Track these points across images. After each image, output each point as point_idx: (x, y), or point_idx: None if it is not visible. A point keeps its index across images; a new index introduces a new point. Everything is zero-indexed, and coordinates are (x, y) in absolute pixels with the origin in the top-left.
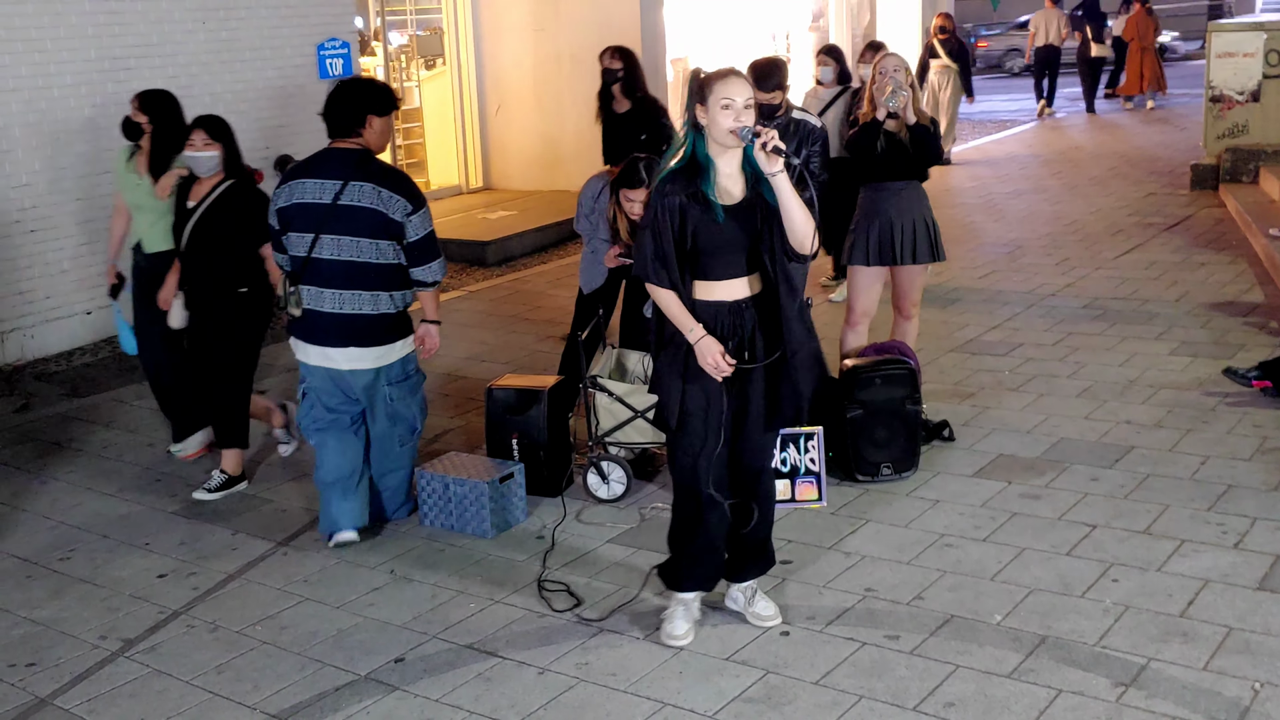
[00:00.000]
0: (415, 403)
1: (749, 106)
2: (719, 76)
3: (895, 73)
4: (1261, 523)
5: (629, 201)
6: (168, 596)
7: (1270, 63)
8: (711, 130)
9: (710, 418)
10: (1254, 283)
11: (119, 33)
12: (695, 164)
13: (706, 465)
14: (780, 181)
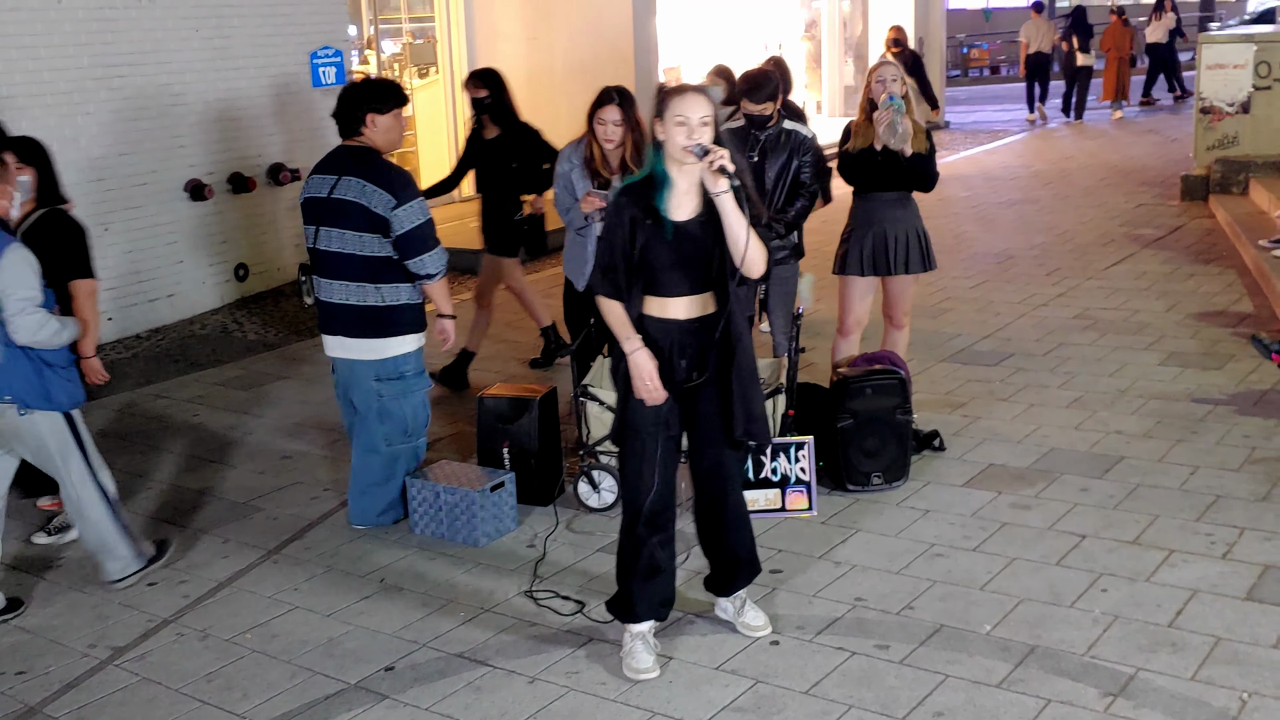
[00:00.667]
0: (409, 404)
1: (705, 124)
2: (677, 92)
3: (893, 83)
4: (1250, 533)
5: (601, 124)
6: (158, 604)
7: (1260, 74)
8: (667, 146)
9: (662, 437)
10: (1243, 293)
11: (112, 40)
12: (652, 179)
13: (660, 486)
14: (724, 201)
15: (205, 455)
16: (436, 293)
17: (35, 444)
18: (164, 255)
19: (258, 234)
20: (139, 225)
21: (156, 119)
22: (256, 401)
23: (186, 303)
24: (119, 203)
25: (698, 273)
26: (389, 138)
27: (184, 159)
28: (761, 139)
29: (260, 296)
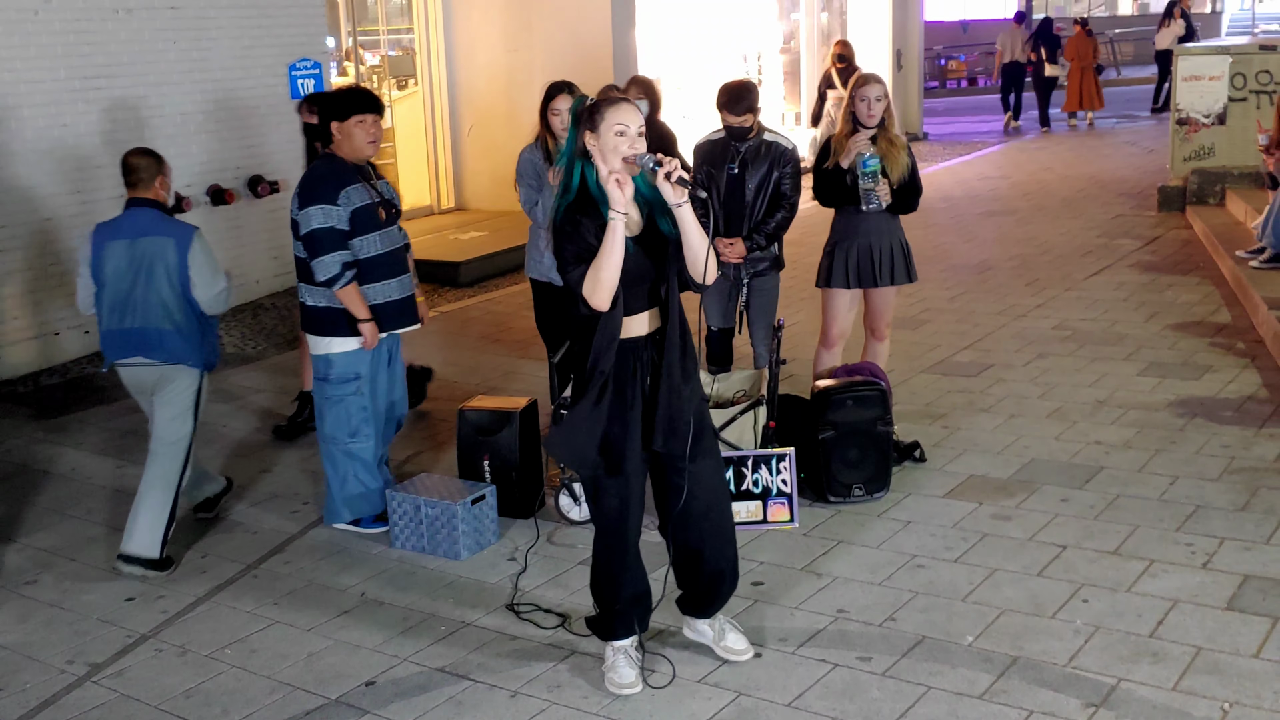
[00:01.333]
0: (329, 410)
1: (642, 134)
2: (610, 103)
3: (877, 102)
4: (1229, 543)
5: (556, 114)
6: (136, 620)
7: (1236, 86)
8: (605, 157)
9: (633, 454)
10: (1221, 304)
11: (89, 52)
12: (588, 195)
13: (637, 507)
14: (684, 213)
15: None
16: (344, 299)
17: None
18: None
19: (236, 246)
20: None
21: (134, 131)
22: (235, 415)
23: None
24: (97, 215)
25: (649, 287)
26: (352, 145)
27: None
28: (741, 150)
29: (239, 309)
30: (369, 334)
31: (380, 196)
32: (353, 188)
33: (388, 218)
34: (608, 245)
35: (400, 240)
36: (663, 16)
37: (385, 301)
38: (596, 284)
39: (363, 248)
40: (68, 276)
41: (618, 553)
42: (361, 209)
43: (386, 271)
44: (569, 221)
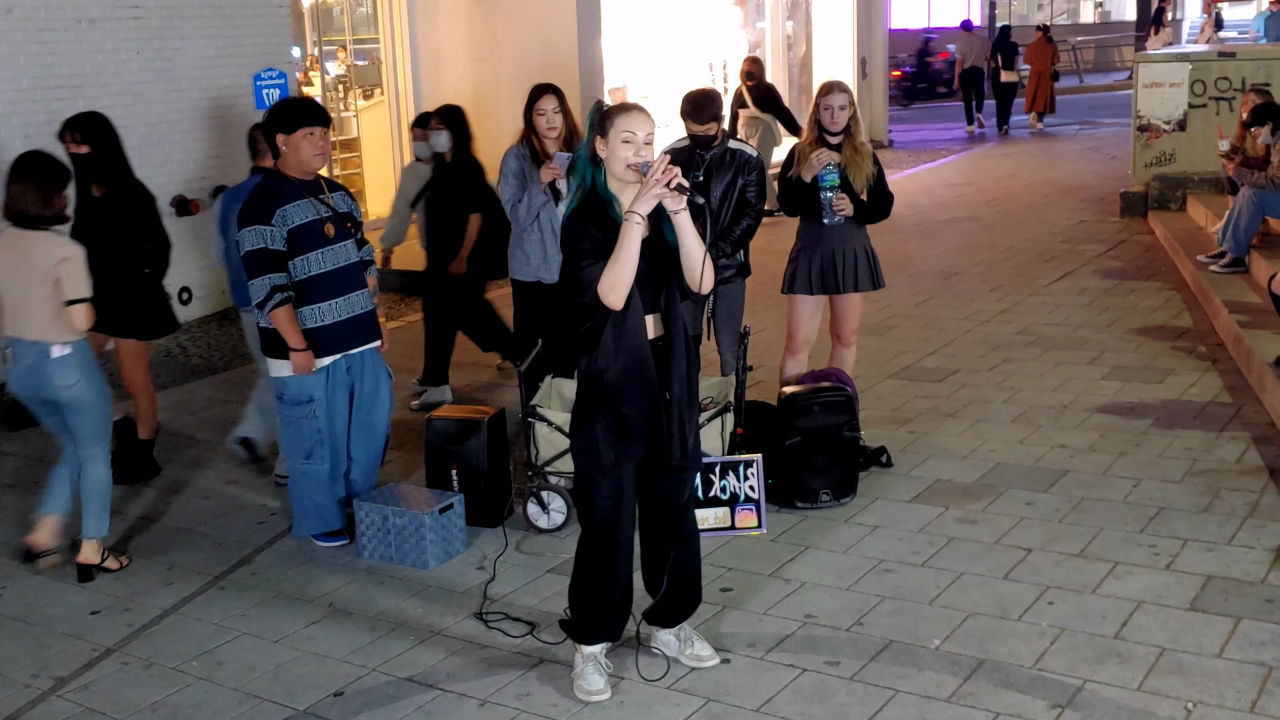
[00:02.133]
0: (284, 430)
1: (649, 142)
2: (621, 110)
3: (841, 110)
4: (1192, 544)
5: (541, 114)
6: (101, 633)
7: (1196, 93)
8: (611, 164)
9: (628, 459)
10: (1182, 308)
11: (51, 62)
12: (597, 198)
13: (629, 510)
14: (682, 220)
15: (149, 481)
16: (275, 322)
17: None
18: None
19: (202, 257)
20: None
21: None
22: (201, 427)
23: None
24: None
25: (654, 293)
26: (299, 158)
27: None
28: (706, 158)
29: (205, 320)
30: (299, 362)
31: (332, 211)
32: (291, 206)
33: (338, 233)
34: (624, 244)
35: (352, 257)
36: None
37: (335, 321)
38: (614, 282)
39: (304, 267)
40: None
41: (606, 555)
42: (300, 227)
43: (335, 290)
44: (578, 222)
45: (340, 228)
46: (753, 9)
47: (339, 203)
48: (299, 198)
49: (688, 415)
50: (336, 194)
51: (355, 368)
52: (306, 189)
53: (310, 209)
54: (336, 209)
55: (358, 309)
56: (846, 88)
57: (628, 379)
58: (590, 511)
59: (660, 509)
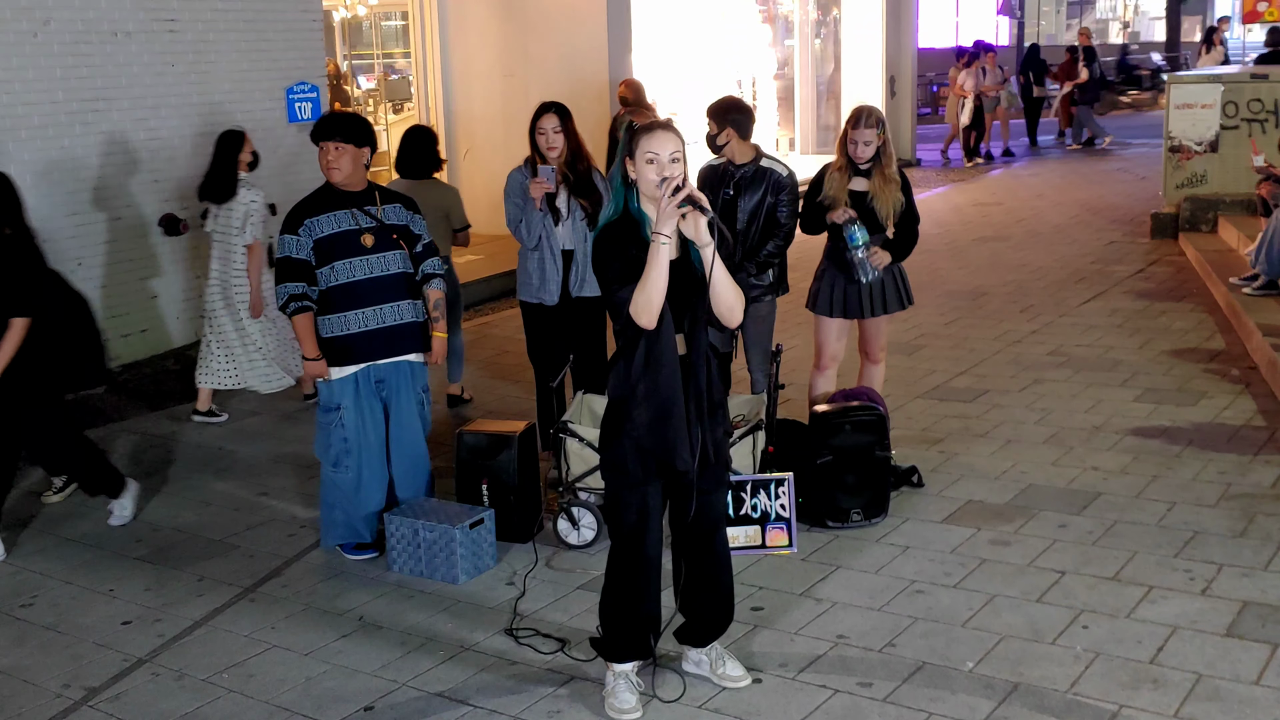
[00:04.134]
0: (318, 434)
1: (675, 159)
2: (645, 130)
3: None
4: (1228, 569)
5: (542, 134)
6: (132, 644)
7: (1228, 114)
8: (641, 185)
9: (654, 476)
10: (1215, 330)
11: (87, 75)
12: (629, 218)
13: (657, 524)
14: (708, 254)
15: (179, 493)
16: (295, 329)
17: None
18: (138, 290)
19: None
20: (113, 260)
21: (131, 153)
22: (231, 437)
23: (160, 338)
24: (93, 238)
25: (682, 312)
26: (331, 171)
27: (159, 194)
28: (737, 175)
29: None
30: (311, 370)
31: (377, 223)
32: (324, 217)
33: (378, 244)
34: (651, 265)
35: (392, 268)
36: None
37: (363, 330)
38: (645, 304)
39: (332, 275)
40: None
41: (636, 570)
42: (328, 238)
43: (366, 300)
44: (609, 242)
45: (384, 239)
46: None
47: (390, 214)
48: (337, 208)
49: (708, 429)
50: (391, 206)
51: (391, 381)
52: (352, 199)
53: (348, 219)
54: (384, 220)
55: (391, 320)
56: (877, 118)
57: (657, 396)
58: (618, 527)
59: (692, 526)
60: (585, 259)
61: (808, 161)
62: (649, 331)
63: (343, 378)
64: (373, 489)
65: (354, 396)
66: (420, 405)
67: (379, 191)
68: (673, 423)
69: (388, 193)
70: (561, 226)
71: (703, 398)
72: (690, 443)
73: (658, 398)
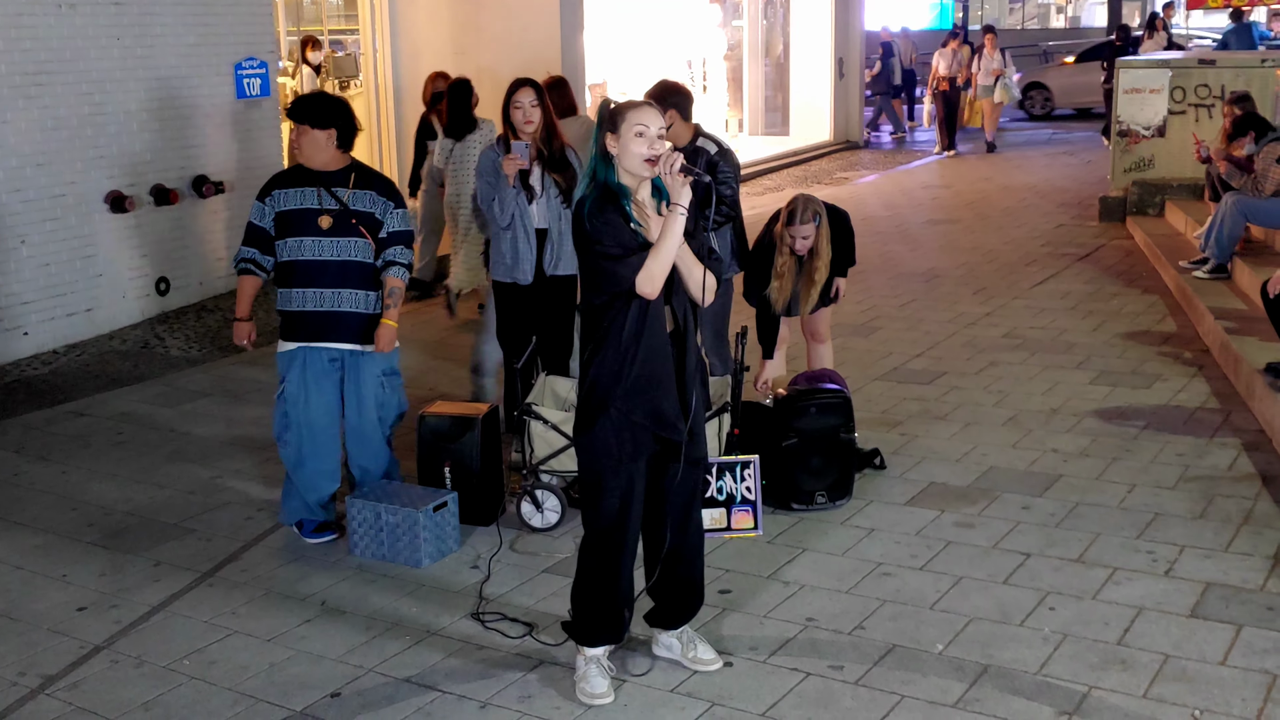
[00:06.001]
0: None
1: (661, 135)
2: (632, 105)
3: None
4: (1189, 550)
5: (518, 108)
6: (89, 630)
7: (1175, 99)
8: (624, 159)
9: (641, 455)
10: (1166, 313)
11: (30, 47)
12: (609, 192)
13: (638, 508)
14: (676, 224)
15: (132, 475)
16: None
17: None
18: (82, 268)
19: (180, 247)
20: (57, 238)
21: (76, 129)
22: (183, 419)
23: (106, 317)
24: (36, 214)
25: (668, 287)
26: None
27: (104, 170)
28: None
29: (183, 311)
30: (235, 331)
31: (341, 206)
32: (289, 190)
33: (335, 228)
34: (666, 235)
35: (345, 254)
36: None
37: (303, 310)
38: (657, 272)
39: (285, 250)
40: (10, 276)
41: (612, 556)
42: (289, 212)
43: (311, 281)
44: (593, 218)
45: (343, 224)
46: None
47: (358, 200)
48: (306, 184)
49: (699, 400)
50: (364, 191)
51: (346, 365)
52: (322, 179)
53: (313, 197)
54: (349, 205)
55: (330, 305)
56: (814, 211)
57: (647, 371)
58: (596, 511)
59: (669, 505)
60: (560, 237)
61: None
62: (640, 306)
63: (288, 350)
64: (315, 469)
65: (300, 371)
66: (381, 389)
67: (356, 173)
68: (665, 394)
69: (365, 177)
70: (535, 205)
71: (693, 369)
72: (685, 412)
73: (649, 370)
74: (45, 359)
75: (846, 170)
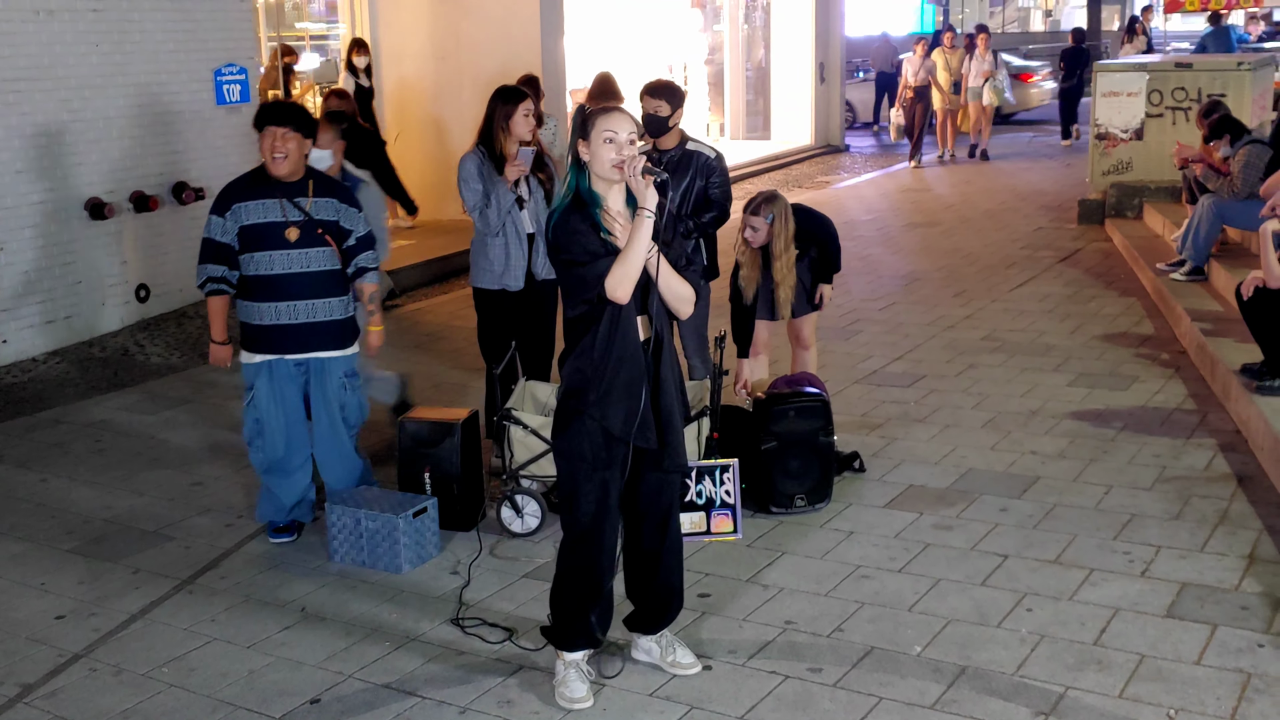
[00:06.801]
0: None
1: (632, 141)
2: (602, 111)
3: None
4: (1165, 551)
5: (526, 116)
6: (67, 639)
7: (1153, 102)
8: (594, 165)
9: (615, 461)
10: (1143, 315)
11: (9, 54)
12: (579, 200)
13: (615, 513)
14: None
15: (110, 483)
16: (208, 310)
17: None
18: (62, 275)
19: (160, 254)
20: (37, 245)
21: (54, 136)
22: (163, 427)
23: (85, 324)
24: (15, 221)
25: (643, 294)
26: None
27: (83, 177)
28: (663, 160)
29: (163, 318)
30: (213, 354)
31: (306, 217)
32: (251, 204)
33: (302, 239)
34: (635, 240)
35: (313, 265)
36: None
37: (275, 324)
38: (621, 277)
39: (253, 265)
40: None
41: (589, 560)
42: (253, 226)
43: (283, 294)
44: (565, 226)
45: (309, 234)
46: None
47: (320, 208)
48: (267, 196)
49: (676, 407)
50: (325, 199)
51: (312, 370)
52: (283, 189)
53: (276, 210)
54: (312, 215)
55: (304, 317)
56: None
57: (619, 378)
58: (574, 515)
59: (646, 512)
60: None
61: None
62: (612, 313)
63: (254, 363)
64: (287, 473)
65: (267, 379)
66: (343, 390)
67: (314, 181)
68: (638, 401)
69: (324, 184)
70: (525, 210)
71: (675, 381)
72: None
73: (622, 377)
74: (25, 366)
75: (827, 174)
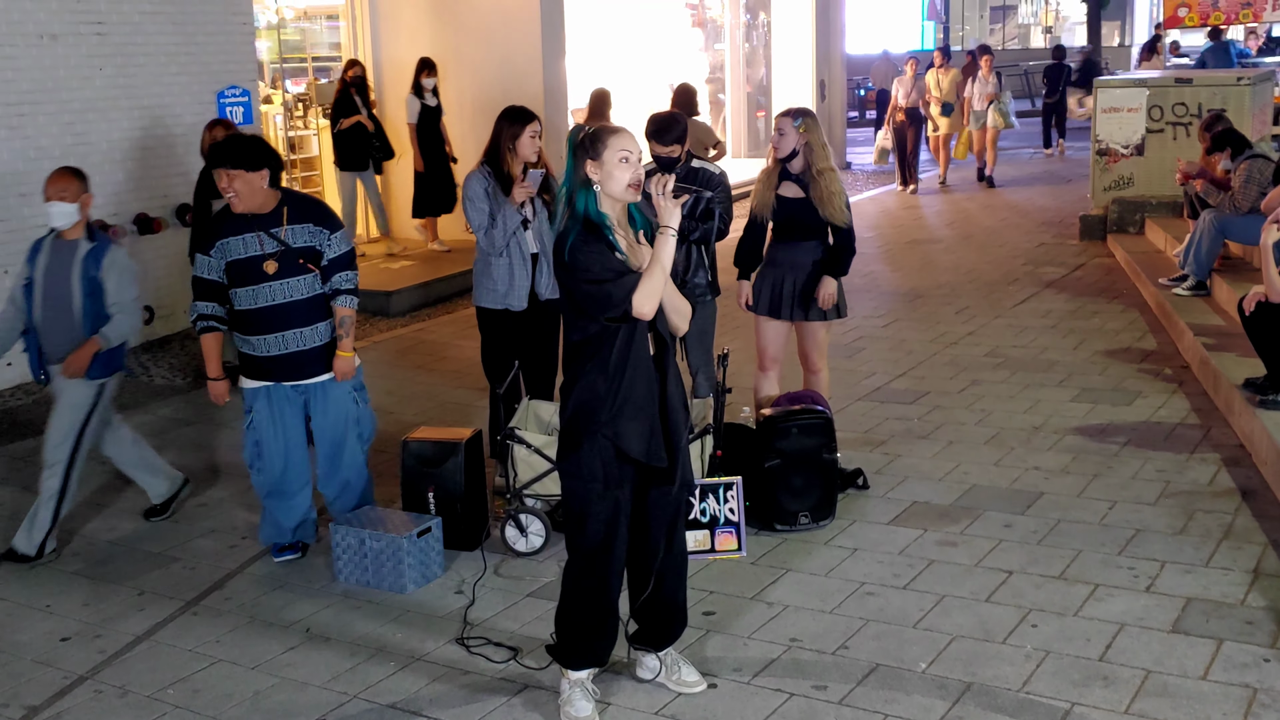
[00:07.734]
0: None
1: (640, 160)
2: (611, 131)
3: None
4: (1170, 566)
5: (533, 138)
6: (72, 660)
7: (1153, 118)
8: (607, 185)
9: (627, 479)
10: (1146, 330)
11: (12, 78)
12: (591, 224)
13: (624, 531)
14: (667, 245)
15: (115, 504)
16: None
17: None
18: None
19: (164, 276)
20: None
21: (59, 159)
22: (167, 447)
23: None
24: (20, 245)
25: None
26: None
27: None
28: None
29: (167, 340)
30: (212, 391)
31: (284, 247)
32: (232, 240)
33: (281, 270)
34: (659, 257)
35: (294, 294)
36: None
37: (266, 356)
38: (650, 293)
39: (238, 300)
40: None
41: (598, 579)
42: (237, 262)
43: (268, 327)
44: (589, 245)
45: (288, 264)
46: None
47: (297, 236)
48: (245, 230)
49: (683, 425)
50: (299, 226)
51: (314, 391)
52: (258, 222)
53: (255, 243)
54: (289, 244)
55: (294, 346)
56: (798, 114)
57: (633, 395)
58: (582, 535)
59: (652, 529)
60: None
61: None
62: (627, 330)
63: (253, 387)
64: (287, 496)
65: (266, 402)
66: (355, 405)
67: (289, 208)
68: (649, 418)
69: (298, 209)
70: (530, 230)
71: (675, 393)
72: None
73: (635, 394)
74: (29, 389)
75: None
